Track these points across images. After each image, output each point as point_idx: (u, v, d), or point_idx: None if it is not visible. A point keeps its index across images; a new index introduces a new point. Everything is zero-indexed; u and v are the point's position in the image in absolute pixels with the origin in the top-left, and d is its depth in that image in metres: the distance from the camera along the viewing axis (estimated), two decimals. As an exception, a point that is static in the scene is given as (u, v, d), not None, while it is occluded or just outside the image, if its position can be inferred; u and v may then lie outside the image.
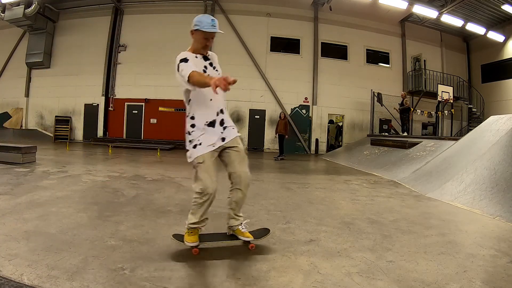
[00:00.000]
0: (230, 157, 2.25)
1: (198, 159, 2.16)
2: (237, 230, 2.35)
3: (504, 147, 4.42)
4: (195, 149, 2.18)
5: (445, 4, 12.84)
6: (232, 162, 2.25)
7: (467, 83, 15.77)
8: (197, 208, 2.19)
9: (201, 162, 2.15)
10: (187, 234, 2.25)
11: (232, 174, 2.28)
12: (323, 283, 1.87)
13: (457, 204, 4.04)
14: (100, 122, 14.56)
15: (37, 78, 15.16)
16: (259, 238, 2.40)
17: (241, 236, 2.35)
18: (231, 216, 2.35)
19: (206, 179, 2.14)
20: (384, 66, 15.31)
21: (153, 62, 14.19)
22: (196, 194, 2.17)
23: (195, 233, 2.25)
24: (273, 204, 3.89)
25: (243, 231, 2.35)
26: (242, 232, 2.35)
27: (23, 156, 6.23)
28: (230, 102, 14.15)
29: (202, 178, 2.14)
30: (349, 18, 14.54)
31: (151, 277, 1.85)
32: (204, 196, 2.14)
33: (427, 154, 6.95)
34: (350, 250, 2.41)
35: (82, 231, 2.59)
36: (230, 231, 2.39)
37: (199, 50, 2.29)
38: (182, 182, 5.21)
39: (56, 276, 1.79)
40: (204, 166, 2.15)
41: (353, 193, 4.86)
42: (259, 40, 14.26)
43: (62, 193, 3.93)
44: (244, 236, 2.34)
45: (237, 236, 2.37)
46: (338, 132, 15.54)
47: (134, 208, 3.41)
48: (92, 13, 14.75)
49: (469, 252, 2.43)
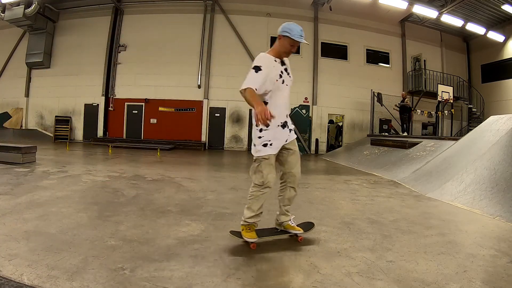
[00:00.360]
0: (287, 157, 2.44)
1: (264, 156, 2.33)
2: (287, 225, 2.54)
3: (504, 147, 4.42)
4: (266, 147, 2.34)
5: (445, 4, 12.84)
6: (289, 162, 2.44)
7: (467, 83, 15.77)
8: (254, 201, 2.36)
9: (266, 158, 2.33)
10: (245, 231, 2.38)
11: (287, 173, 2.46)
12: (323, 283, 1.87)
13: (457, 204, 4.04)
14: (100, 122, 14.55)
15: (37, 78, 15.15)
16: (306, 231, 2.59)
17: (291, 230, 2.54)
18: (282, 213, 2.54)
19: (268, 173, 2.33)
20: (384, 66, 15.31)
21: (153, 62, 14.20)
22: (256, 186, 2.35)
23: (252, 229, 2.39)
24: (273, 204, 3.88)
25: (293, 225, 2.54)
26: (292, 226, 2.54)
27: (23, 156, 6.23)
28: (230, 102, 14.17)
29: (265, 172, 2.32)
30: (349, 18, 14.54)
31: (151, 277, 1.85)
32: (264, 188, 2.33)
33: (427, 154, 6.95)
34: (350, 250, 2.41)
35: (82, 231, 2.59)
36: (281, 226, 2.56)
37: (280, 55, 2.43)
38: (182, 182, 5.21)
39: (56, 276, 1.79)
40: (268, 161, 2.34)
41: (353, 193, 4.86)
42: (259, 40, 14.24)
43: (62, 193, 3.93)
44: (295, 230, 2.53)
45: (287, 230, 2.54)
46: (338, 132, 15.54)
47: (134, 208, 3.41)
48: (92, 13, 14.74)
49: (469, 252, 2.43)
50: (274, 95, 2.34)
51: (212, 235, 2.64)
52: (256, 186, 2.35)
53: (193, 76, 14.17)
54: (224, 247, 2.38)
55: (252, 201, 2.36)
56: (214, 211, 3.44)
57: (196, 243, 2.45)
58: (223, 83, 14.09)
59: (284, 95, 2.38)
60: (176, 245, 2.39)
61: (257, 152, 2.36)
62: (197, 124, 14.22)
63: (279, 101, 2.37)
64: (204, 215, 3.26)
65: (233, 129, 14.25)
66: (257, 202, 2.35)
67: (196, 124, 14.22)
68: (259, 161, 2.34)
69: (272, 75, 2.28)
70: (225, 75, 14.11)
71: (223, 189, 4.79)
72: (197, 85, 14.16)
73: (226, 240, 2.53)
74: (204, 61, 14.17)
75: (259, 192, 2.34)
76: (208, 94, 14.18)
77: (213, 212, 3.40)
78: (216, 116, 14.25)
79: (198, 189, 4.77)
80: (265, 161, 2.33)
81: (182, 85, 14.20)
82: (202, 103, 14.18)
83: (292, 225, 2.54)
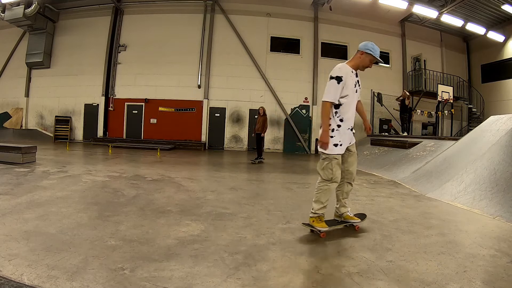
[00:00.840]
0: (348, 158, 2.81)
1: (335, 156, 2.68)
2: (347, 216, 2.89)
3: (504, 147, 4.42)
4: (336, 147, 2.68)
5: (445, 4, 12.84)
6: (349, 162, 2.82)
7: (467, 83, 15.77)
8: (322, 194, 2.68)
9: (337, 158, 2.68)
10: (315, 222, 2.68)
11: (346, 170, 2.82)
12: (323, 283, 1.87)
13: (457, 204, 4.05)
14: (100, 122, 14.55)
15: (37, 78, 15.15)
16: (362, 221, 2.98)
17: (350, 220, 2.89)
18: (341, 205, 2.90)
19: (336, 170, 2.69)
20: (384, 66, 15.29)
21: (153, 62, 14.20)
22: (324, 181, 2.69)
23: (322, 220, 2.70)
24: (273, 204, 3.89)
25: (351, 216, 2.90)
26: (350, 217, 2.90)
27: (23, 156, 6.23)
28: (230, 102, 14.17)
29: (333, 169, 2.67)
30: (349, 18, 14.53)
31: (151, 277, 1.85)
32: (332, 183, 2.68)
33: (427, 154, 6.95)
34: (350, 250, 2.41)
35: (82, 231, 2.59)
36: (341, 217, 2.91)
37: (358, 68, 2.82)
38: (182, 182, 5.21)
39: (56, 276, 1.79)
40: (337, 161, 2.69)
41: (353, 193, 4.83)
42: (259, 40, 14.25)
43: (62, 193, 3.93)
44: (353, 219, 2.90)
45: (346, 220, 2.90)
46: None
47: (134, 208, 3.41)
48: (92, 13, 14.74)
49: (469, 252, 2.43)
50: (347, 101, 2.69)
51: (212, 235, 2.64)
52: (324, 181, 2.69)
53: (193, 76, 14.16)
54: (224, 247, 2.38)
55: (320, 195, 2.69)
56: (214, 211, 3.44)
57: (196, 243, 2.45)
58: (223, 83, 14.09)
59: (354, 102, 2.76)
60: (176, 245, 2.39)
61: (329, 150, 2.67)
62: (197, 124, 14.22)
63: (350, 106, 2.73)
64: (204, 215, 3.26)
65: (233, 129, 14.25)
66: (325, 195, 2.69)
67: (196, 124, 14.22)
68: (330, 160, 2.68)
69: (349, 83, 2.68)
70: (225, 75, 14.11)
71: (223, 189, 4.79)
72: (197, 85, 14.16)
73: (226, 240, 2.53)
74: (204, 61, 14.17)
75: (326, 186, 2.68)
76: (208, 94, 14.18)
77: (213, 212, 3.40)
78: (216, 116, 14.25)
79: (198, 189, 4.78)
80: (334, 160, 2.67)
81: (182, 85, 14.20)
82: (202, 103, 14.18)
83: (351, 216, 2.90)
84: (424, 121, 15.29)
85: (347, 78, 2.66)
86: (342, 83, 2.63)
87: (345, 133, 2.70)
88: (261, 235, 2.71)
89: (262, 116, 9.13)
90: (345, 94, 2.66)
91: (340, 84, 2.62)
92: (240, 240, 2.56)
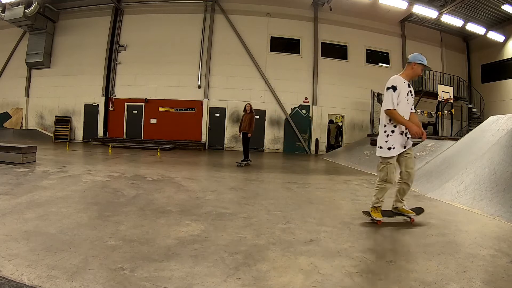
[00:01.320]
0: (405, 161, 3.13)
1: (390, 160, 3.07)
2: (402, 209, 3.23)
3: (504, 147, 4.42)
4: (389, 150, 3.06)
5: (445, 4, 12.84)
6: (407, 164, 3.13)
7: (467, 83, 15.77)
8: (379, 191, 3.13)
9: (391, 163, 3.08)
10: (373, 212, 3.16)
11: (404, 172, 3.14)
12: (323, 283, 1.87)
13: (457, 204, 4.05)
14: (100, 122, 14.56)
15: (37, 78, 15.16)
16: (418, 215, 3.23)
17: (406, 213, 3.22)
18: (398, 200, 3.24)
19: (391, 173, 3.08)
20: (384, 66, 15.30)
21: (153, 62, 14.20)
22: (381, 181, 3.13)
23: (379, 211, 3.16)
24: (273, 204, 3.89)
25: (407, 209, 3.23)
26: (406, 210, 3.23)
27: (23, 156, 6.23)
28: (230, 102, 14.17)
29: (389, 172, 3.08)
30: (349, 18, 14.53)
31: (151, 277, 1.85)
32: (387, 183, 3.11)
33: (427, 154, 6.95)
34: (350, 250, 2.41)
35: (82, 231, 2.59)
36: (396, 210, 3.26)
37: (411, 78, 3.18)
38: (182, 182, 5.21)
39: (56, 276, 1.79)
40: (392, 165, 3.08)
41: (353, 193, 4.85)
42: (259, 40, 14.26)
43: (62, 193, 3.93)
44: (409, 213, 3.21)
45: (402, 213, 3.23)
46: (338, 132, 15.54)
47: (134, 208, 3.41)
48: (92, 13, 14.74)
49: (469, 252, 2.43)
50: (400, 108, 3.02)
51: (212, 235, 2.64)
52: (381, 181, 3.12)
53: (193, 76, 14.16)
54: (224, 247, 2.38)
55: (378, 191, 3.14)
56: (214, 211, 3.44)
57: (196, 243, 2.45)
58: (223, 83, 14.10)
59: (406, 110, 3.09)
60: (176, 245, 2.39)
61: (384, 153, 3.07)
62: (197, 124, 14.22)
63: (403, 113, 3.03)
64: (204, 215, 3.26)
65: (233, 129, 14.24)
66: (380, 192, 3.12)
67: (196, 124, 14.22)
68: (385, 163, 3.09)
69: (402, 92, 3.04)
70: (225, 75, 14.11)
71: (223, 189, 4.79)
72: (197, 85, 14.16)
73: (226, 240, 2.53)
74: (204, 61, 14.18)
75: (382, 186, 3.12)
76: (208, 94, 14.18)
77: (213, 212, 3.40)
78: (216, 116, 14.25)
79: (198, 189, 4.78)
80: (390, 165, 3.07)
81: (182, 85, 14.20)
82: (202, 103, 14.18)
83: (406, 209, 3.22)
84: (424, 121, 15.26)
85: (400, 87, 3.03)
86: (397, 91, 3.00)
87: (398, 137, 3.05)
88: (261, 235, 2.71)
89: (249, 113, 8.31)
90: (398, 102, 3.02)
91: (395, 92, 2.99)
92: (240, 240, 2.56)
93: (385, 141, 3.07)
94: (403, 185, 3.19)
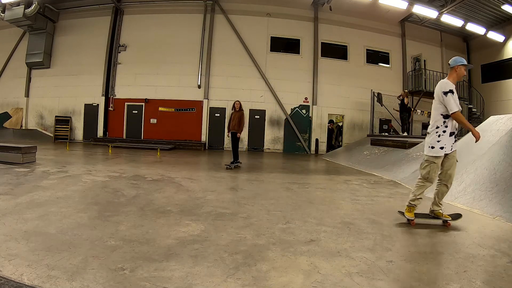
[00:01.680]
0: (447, 162, 3.17)
1: (436, 159, 3.12)
2: (438, 213, 3.22)
3: (504, 147, 4.42)
4: (441, 149, 3.11)
5: (445, 4, 12.83)
6: (448, 166, 3.16)
7: (467, 83, 15.76)
8: (418, 188, 3.20)
9: (436, 162, 3.13)
10: (407, 211, 3.19)
11: (444, 173, 3.19)
12: (323, 283, 1.87)
13: (457, 204, 4.05)
14: (100, 122, 14.54)
15: (37, 78, 15.14)
16: (454, 220, 3.20)
17: (441, 217, 3.20)
18: (435, 203, 3.24)
19: (433, 173, 3.15)
20: (384, 66, 15.30)
21: (153, 62, 14.19)
22: (422, 179, 3.19)
23: (413, 210, 3.19)
24: (273, 204, 3.89)
25: (442, 213, 3.21)
26: (442, 214, 3.21)
27: (23, 156, 6.23)
28: (230, 102, 14.08)
29: (431, 171, 3.14)
30: (349, 18, 14.52)
31: (151, 277, 1.85)
32: (427, 182, 3.18)
33: (427, 154, 6.93)
34: (350, 250, 2.41)
35: (82, 231, 2.59)
36: (433, 214, 3.24)
37: (456, 81, 3.24)
38: (182, 182, 5.21)
39: (56, 276, 1.79)
40: (436, 165, 3.15)
41: (353, 193, 4.85)
42: (259, 40, 14.25)
43: (62, 193, 3.93)
44: (445, 217, 3.19)
45: (438, 217, 3.21)
46: (338, 132, 15.53)
47: (134, 208, 3.41)
48: (92, 13, 14.73)
49: (469, 252, 2.43)
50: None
51: (212, 235, 2.64)
52: (422, 179, 3.19)
53: (193, 76, 14.16)
54: (224, 247, 2.38)
55: (416, 188, 3.19)
56: (214, 211, 3.44)
57: (196, 243, 2.45)
58: (223, 83, 14.09)
59: None
60: (176, 245, 2.39)
61: (436, 153, 3.11)
62: (197, 124, 14.21)
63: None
64: (204, 215, 3.26)
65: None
66: (419, 190, 3.18)
67: (196, 124, 14.22)
68: (429, 162, 3.15)
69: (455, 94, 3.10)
70: (225, 75, 14.10)
71: (223, 189, 4.79)
72: (197, 85, 14.16)
73: (226, 240, 2.53)
74: (204, 61, 14.17)
75: (422, 183, 3.19)
76: (208, 94, 14.17)
77: (213, 212, 3.40)
78: (216, 116, 14.25)
79: (198, 189, 4.78)
80: (434, 164, 3.13)
81: (182, 85, 14.20)
82: (202, 103, 14.17)
83: (442, 213, 3.21)
84: (424, 121, 15.26)
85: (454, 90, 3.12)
86: (455, 93, 3.08)
87: (448, 138, 3.12)
88: (261, 235, 2.71)
89: (238, 111, 7.73)
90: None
91: (455, 94, 3.07)
92: (240, 240, 2.56)
93: (437, 141, 3.13)
94: (442, 187, 3.22)
